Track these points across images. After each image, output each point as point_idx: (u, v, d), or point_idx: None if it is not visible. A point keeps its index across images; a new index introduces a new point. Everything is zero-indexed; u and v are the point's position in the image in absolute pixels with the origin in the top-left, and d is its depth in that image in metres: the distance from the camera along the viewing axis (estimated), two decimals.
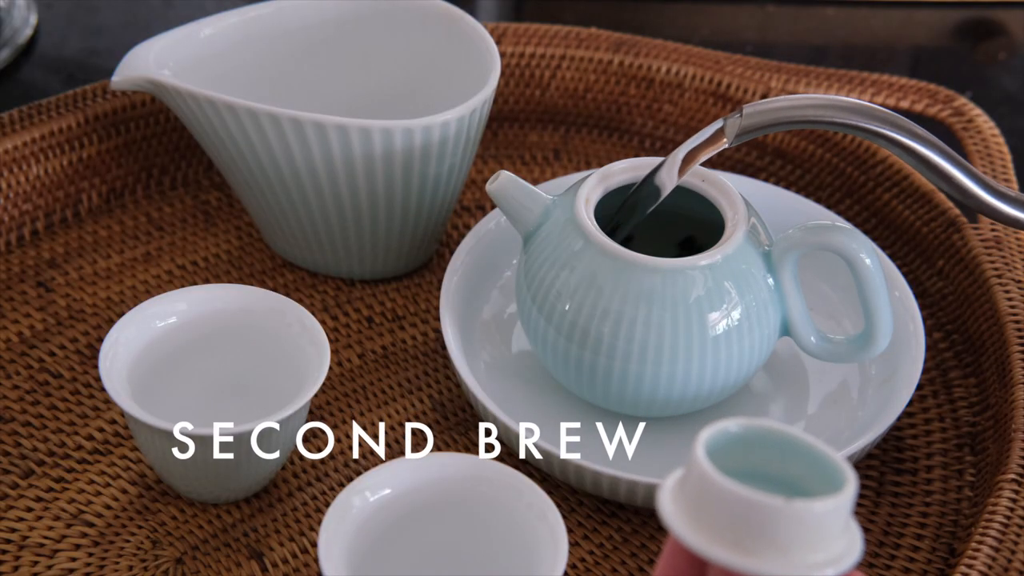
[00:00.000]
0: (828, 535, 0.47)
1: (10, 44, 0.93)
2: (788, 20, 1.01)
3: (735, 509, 0.47)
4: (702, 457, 0.48)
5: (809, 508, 0.47)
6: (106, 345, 0.66)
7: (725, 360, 0.67)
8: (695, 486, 0.48)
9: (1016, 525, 0.64)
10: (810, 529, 0.47)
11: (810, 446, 0.49)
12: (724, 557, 0.47)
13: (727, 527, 0.47)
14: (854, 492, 0.48)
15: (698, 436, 0.48)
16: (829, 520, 0.47)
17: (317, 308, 0.77)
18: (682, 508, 0.48)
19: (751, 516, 0.47)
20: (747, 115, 0.65)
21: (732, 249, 0.66)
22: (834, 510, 0.47)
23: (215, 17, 0.78)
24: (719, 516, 0.47)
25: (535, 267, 0.68)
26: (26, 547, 0.66)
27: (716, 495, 0.47)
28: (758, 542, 0.47)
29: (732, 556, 0.47)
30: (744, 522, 0.47)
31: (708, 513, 0.47)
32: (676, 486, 0.49)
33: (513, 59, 0.87)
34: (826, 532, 0.47)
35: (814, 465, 0.49)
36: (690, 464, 0.48)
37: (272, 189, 0.74)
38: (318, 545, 0.58)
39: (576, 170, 0.86)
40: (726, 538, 0.47)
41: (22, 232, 0.79)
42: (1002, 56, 0.99)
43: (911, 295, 0.73)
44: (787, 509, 0.46)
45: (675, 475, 0.49)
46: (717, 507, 0.47)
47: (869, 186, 0.82)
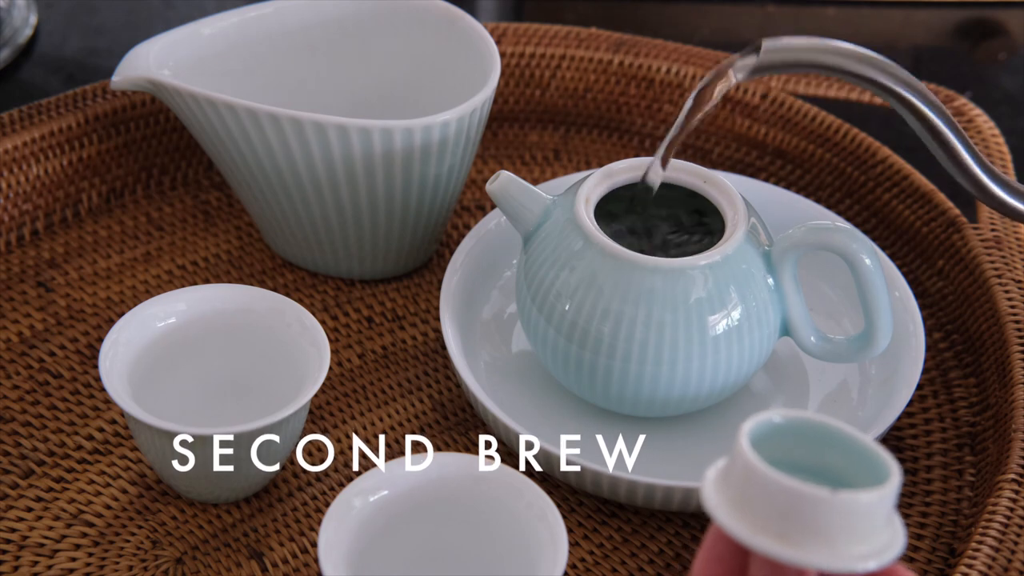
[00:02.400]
0: (872, 527, 0.47)
1: (10, 44, 0.93)
2: (788, 20, 1.01)
3: (781, 499, 0.47)
4: (747, 448, 0.48)
5: (855, 499, 0.47)
6: (106, 345, 0.66)
7: (725, 360, 0.67)
8: (740, 477, 0.48)
9: (1016, 525, 0.64)
10: (855, 520, 0.47)
11: (854, 438, 0.49)
12: (769, 547, 0.47)
13: (772, 517, 0.47)
14: (898, 484, 0.48)
15: (742, 427, 0.48)
16: (873, 512, 0.47)
17: (317, 308, 0.77)
18: (726, 498, 0.48)
19: (797, 506, 0.47)
20: (765, 51, 0.64)
21: (732, 249, 0.66)
22: (878, 501, 0.47)
23: (215, 17, 0.78)
24: (764, 506, 0.47)
25: (535, 267, 0.68)
26: (26, 547, 0.66)
27: (762, 485, 0.47)
28: (803, 533, 0.47)
29: (777, 546, 0.47)
30: (790, 512, 0.47)
31: (753, 503, 0.47)
32: (719, 477, 0.49)
33: (513, 59, 0.87)
34: (870, 524, 0.47)
35: (856, 457, 0.49)
36: (734, 455, 0.48)
37: (272, 189, 0.74)
38: (318, 545, 0.58)
39: (576, 170, 0.86)
40: (771, 528, 0.47)
41: (22, 232, 0.79)
42: (1002, 56, 0.99)
43: (911, 295, 0.73)
44: (833, 500, 0.46)
45: (717, 465, 0.49)
46: (762, 497, 0.47)
47: (869, 186, 0.82)
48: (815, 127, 0.84)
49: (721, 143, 0.86)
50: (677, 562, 0.67)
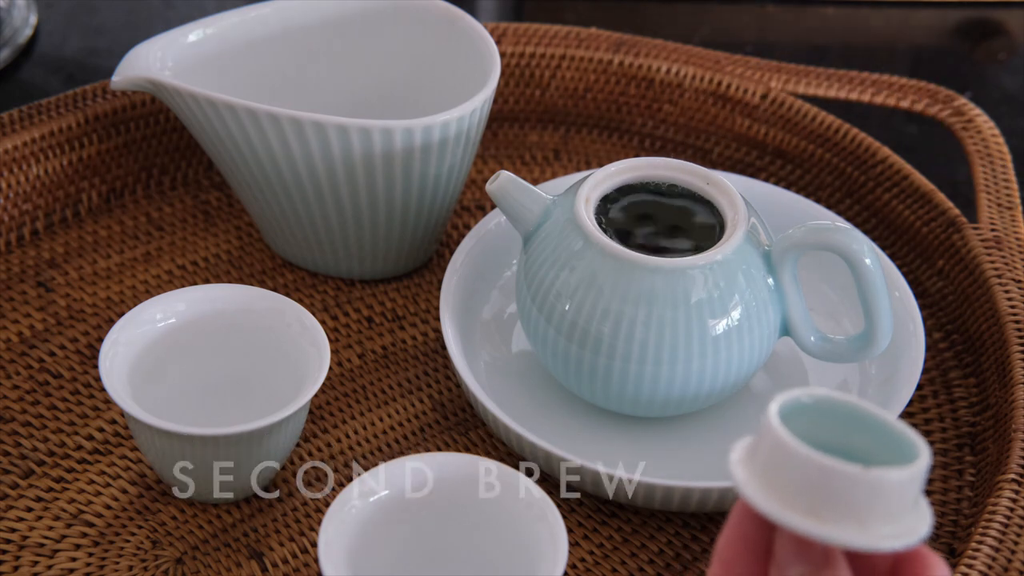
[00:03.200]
0: (901, 506, 0.47)
1: (10, 44, 0.93)
2: (788, 20, 1.01)
3: (811, 476, 0.46)
4: (778, 425, 0.47)
5: (886, 476, 0.46)
6: (106, 345, 0.66)
7: (725, 360, 0.67)
8: (768, 453, 0.47)
9: (1016, 525, 0.64)
10: (885, 499, 0.46)
11: (883, 418, 0.49)
12: (799, 523, 0.46)
13: (801, 494, 0.46)
14: (928, 464, 0.47)
15: (770, 405, 0.48)
16: (903, 490, 0.47)
17: (317, 308, 0.77)
18: (753, 475, 0.48)
19: (827, 483, 0.46)
20: None
21: (732, 249, 0.66)
22: (909, 480, 0.47)
23: (215, 17, 0.78)
24: (793, 483, 0.47)
25: (535, 267, 0.68)
26: (26, 547, 0.66)
27: (792, 462, 0.47)
28: (833, 510, 0.46)
29: (807, 522, 0.46)
30: (820, 489, 0.46)
31: (781, 480, 0.47)
32: (745, 454, 0.48)
33: (513, 59, 0.87)
34: (899, 503, 0.47)
35: (884, 438, 0.49)
36: (762, 431, 0.48)
37: (272, 189, 0.74)
38: (318, 545, 0.58)
39: (576, 170, 0.86)
40: (800, 505, 0.47)
41: (22, 232, 0.79)
42: (1002, 56, 0.99)
43: (911, 295, 0.73)
44: (865, 477, 0.46)
45: (743, 443, 0.49)
46: (791, 474, 0.47)
47: (869, 186, 0.82)
48: (815, 127, 0.84)
49: (721, 143, 0.86)
50: (677, 562, 0.67)
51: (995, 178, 0.80)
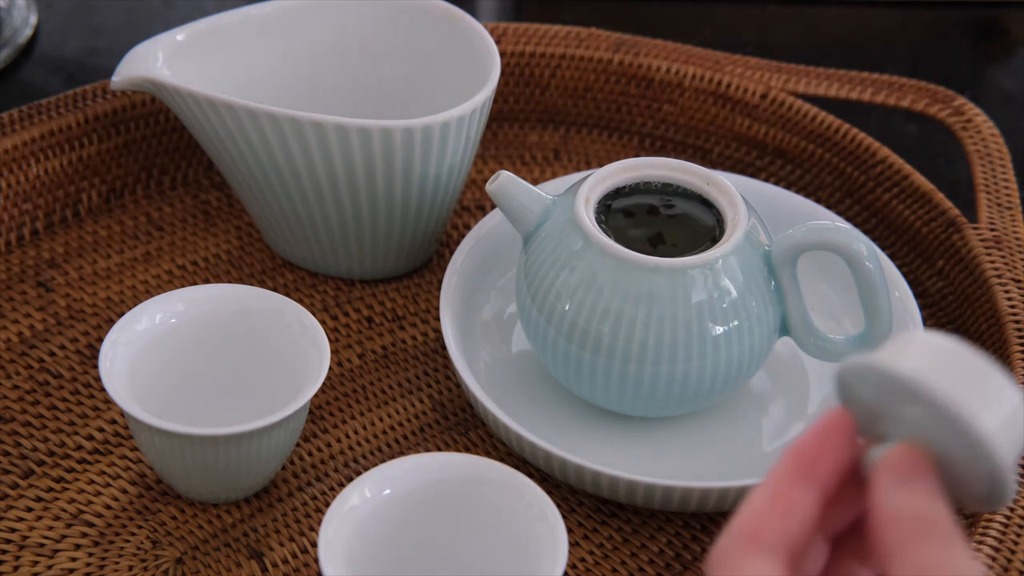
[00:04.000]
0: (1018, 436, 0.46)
1: (10, 44, 0.93)
2: (788, 20, 1.01)
3: (971, 361, 0.46)
4: (936, 336, 0.47)
5: (1020, 399, 0.46)
6: (106, 345, 0.66)
7: (725, 360, 0.67)
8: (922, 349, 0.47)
9: (1016, 525, 0.64)
10: (1014, 421, 0.46)
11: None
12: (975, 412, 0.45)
13: (969, 387, 0.46)
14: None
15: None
16: (1019, 422, 0.46)
17: (317, 308, 0.77)
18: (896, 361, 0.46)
19: (988, 379, 0.46)
20: None
21: (732, 249, 0.66)
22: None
23: (215, 17, 0.78)
24: (953, 370, 0.46)
25: (535, 267, 0.68)
26: (26, 547, 0.66)
27: (951, 355, 0.46)
28: (982, 403, 0.45)
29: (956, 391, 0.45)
30: (976, 372, 0.46)
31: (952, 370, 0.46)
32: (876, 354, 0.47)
33: (513, 59, 0.87)
34: (1017, 431, 0.46)
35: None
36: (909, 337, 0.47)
37: (272, 189, 0.74)
38: (318, 545, 0.58)
39: (576, 170, 0.86)
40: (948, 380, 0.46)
41: (22, 232, 0.79)
42: (1002, 56, 0.99)
43: (911, 295, 0.73)
44: (1015, 390, 0.46)
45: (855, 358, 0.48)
46: (950, 364, 0.46)
47: (869, 186, 0.82)
48: (815, 127, 0.84)
49: (721, 143, 0.86)
50: (677, 562, 0.67)
51: (995, 178, 0.80)
